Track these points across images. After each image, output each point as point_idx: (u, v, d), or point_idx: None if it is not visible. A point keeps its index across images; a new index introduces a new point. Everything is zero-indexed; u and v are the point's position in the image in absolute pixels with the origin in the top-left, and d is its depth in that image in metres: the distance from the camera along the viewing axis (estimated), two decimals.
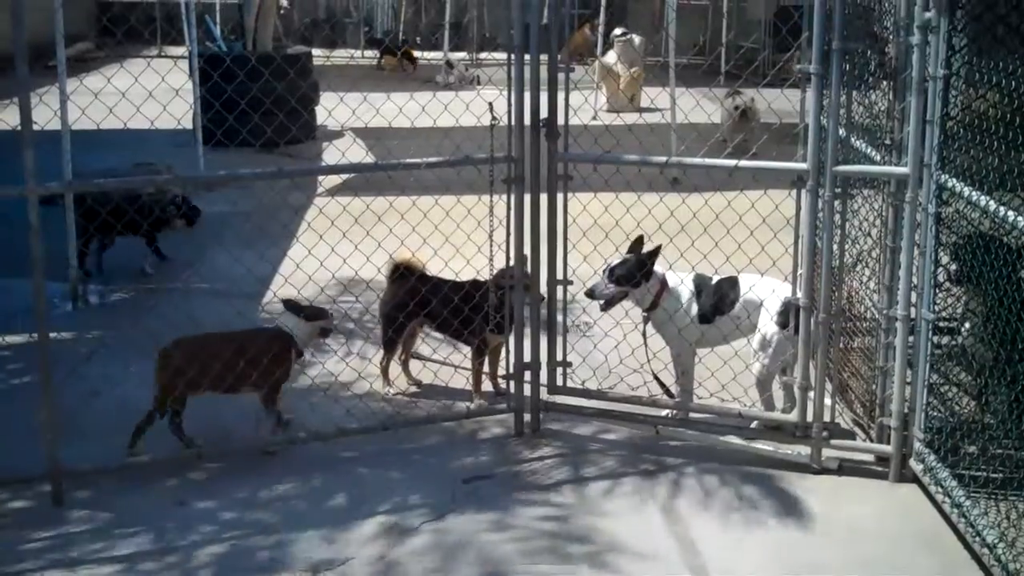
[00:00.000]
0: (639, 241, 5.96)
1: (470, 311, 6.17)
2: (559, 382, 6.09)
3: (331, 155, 13.18)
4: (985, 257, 4.82)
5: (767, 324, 5.76)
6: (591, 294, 5.95)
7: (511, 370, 5.98)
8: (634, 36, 17.98)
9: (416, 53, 23.02)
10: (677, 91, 11.80)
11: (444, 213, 6.42)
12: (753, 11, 23.35)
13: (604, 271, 5.94)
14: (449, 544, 4.88)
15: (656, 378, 5.98)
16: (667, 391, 5.99)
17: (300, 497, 5.28)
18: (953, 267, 5.11)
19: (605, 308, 6.03)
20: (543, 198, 5.84)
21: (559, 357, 6.06)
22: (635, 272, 5.86)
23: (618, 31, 18.01)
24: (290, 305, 5.93)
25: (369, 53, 23.86)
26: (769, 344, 5.76)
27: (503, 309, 6.00)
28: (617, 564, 4.75)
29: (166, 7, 23.49)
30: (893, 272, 5.37)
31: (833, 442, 5.51)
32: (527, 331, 5.95)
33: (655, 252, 5.89)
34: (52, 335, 5.25)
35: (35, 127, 4.94)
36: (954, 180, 4.91)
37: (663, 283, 5.90)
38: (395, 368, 6.57)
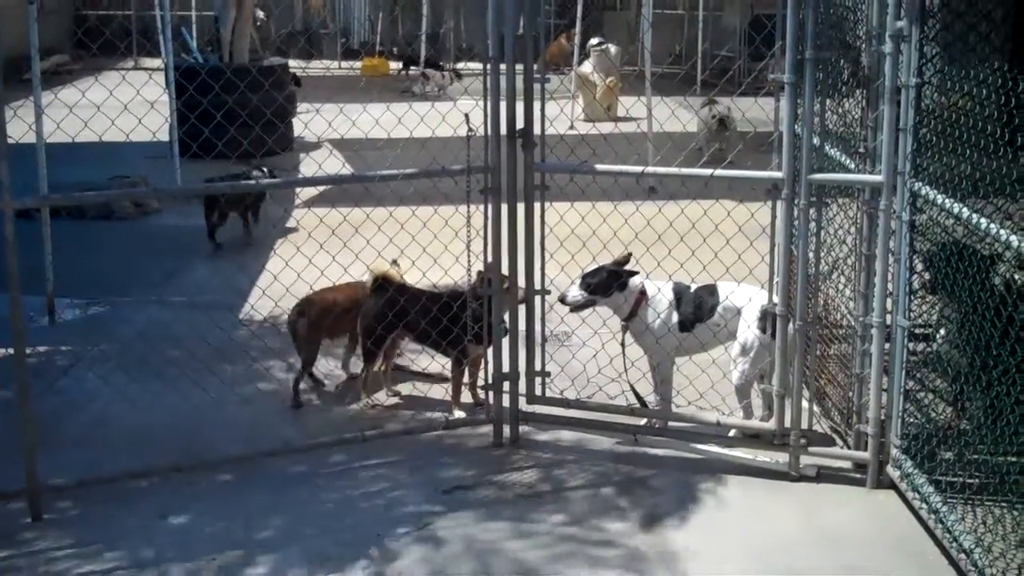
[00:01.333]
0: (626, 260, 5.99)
1: (449, 322, 6.17)
2: (538, 392, 6.10)
3: (308, 167, 13.17)
4: (959, 264, 4.86)
5: (745, 331, 5.79)
6: (563, 299, 6.00)
7: (490, 380, 5.99)
8: (610, 46, 18.03)
9: (392, 64, 23.01)
10: (653, 100, 11.84)
11: (421, 224, 6.42)
12: (728, 20, 23.46)
13: (578, 278, 5.98)
14: (429, 555, 4.88)
15: (633, 389, 5.99)
16: (642, 403, 6.00)
17: (279, 510, 5.26)
18: (927, 276, 5.14)
19: (574, 311, 6.08)
20: (520, 208, 5.85)
21: (538, 367, 6.07)
22: (608, 282, 5.88)
23: (594, 41, 18.05)
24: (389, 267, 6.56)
25: (346, 64, 23.85)
26: (748, 351, 5.78)
27: (482, 320, 6.00)
28: (597, 574, 4.76)
29: (142, 20, 23.44)
30: (868, 279, 5.40)
31: (811, 449, 5.54)
32: (505, 341, 5.95)
33: (627, 262, 5.94)
34: (29, 350, 5.23)
35: (10, 141, 4.93)
36: (927, 187, 4.95)
37: (642, 292, 5.93)
38: (374, 379, 6.56)
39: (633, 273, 5.95)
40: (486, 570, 4.78)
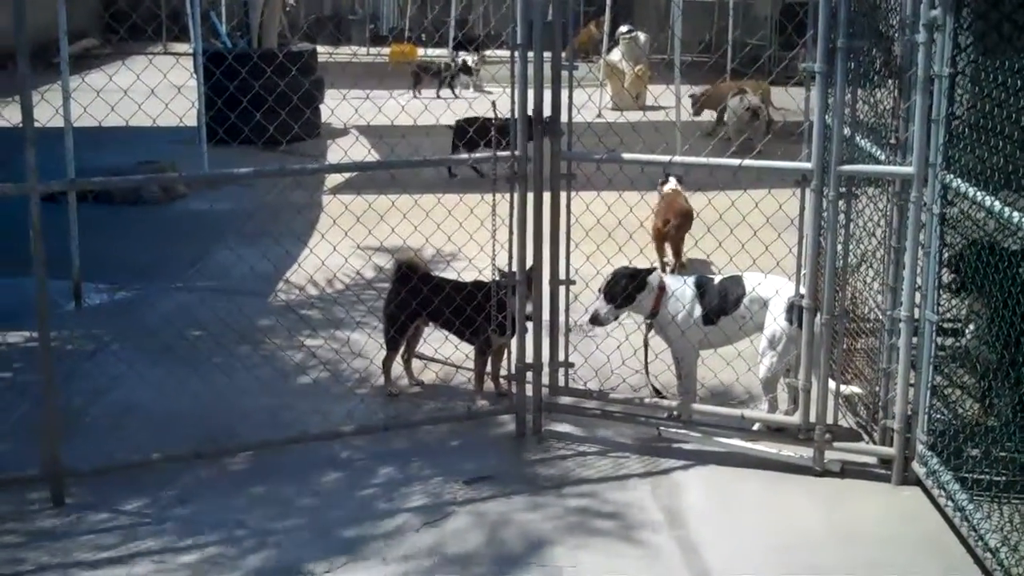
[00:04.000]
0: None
1: (473, 311, 6.14)
2: (561, 383, 6.06)
3: (335, 153, 13.17)
4: (989, 259, 4.78)
5: (773, 323, 5.73)
6: (596, 321, 5.93)
7: (513, 370, 5.96)
8: (639, 34, 17.94)
9: (420, 50, 22.92)
10: (682, 89, 11.75)
11: (447, 212, 6.39)
12: (760, 8, 23.30)
13: (600, 294, 5.90)
14: (448, 546, 4.86)
15: (653, 385, 5.95)
16: (662, 397, 5.96)
17: (301, 498, 5.26)
18: (950, 276, 5.06)
19: (602, 325, 6.01)
20: (546, 197, 5.81)
21: (561, 358, 6.02)
22: (629, 287, 5.83)
23: (623, 28, 17.96)
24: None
25: (374, 50, 23.81)
26: (775, 344, 5.72)
27: (506, 310, 5.97)
28: (619, 567, 4.73)
29: (171, 4, 23.49)
30: (897, 273, 5.33)
31: (836, 444, 5.48)
32: (529, 331, 5.92)
33: (640, 271, 5.89)
34: (54, 334, 5.23)
35: (38, 125, 4.93)
36: (959, 180, 4.87)
37: (661, 288, 5.87)
38: (397, 368, 6.54)
39: (650, 271, 5.91)
40: (506, 559, 4.76)
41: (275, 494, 5.29)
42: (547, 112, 5.70)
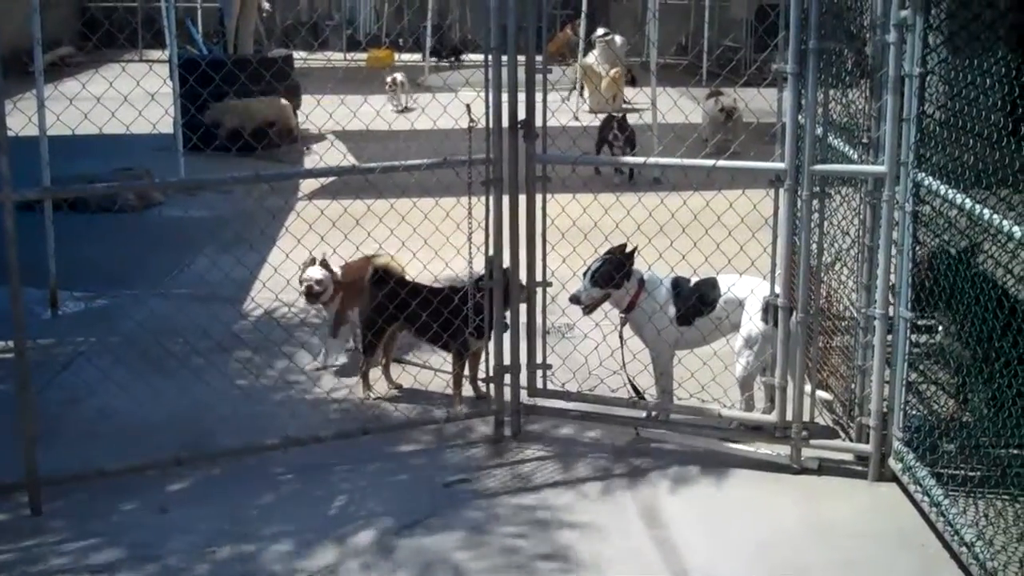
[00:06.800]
0: (622, 248, 5.94)
1: (449, 315, 6.15)
2: (539, 385, 6.07)
3: (311, 159, 13.15)
4: (961, 256, 4.82)
5: (748, 323, 5.76)
6: (576, 300, 5.92)
7: (491, 373, 5.96)
8: (616, 36, 17.98)
9: (397, 55, 22.90)
10: (657, 91, 11.79)
11: (422, 216, 6.40)
12: (735, 11, 23.39)
13: (585, 275, 5.91)
14: (427, 549, 4.86)
15: (631, 383, 5.97)
16: (640, 396, 5.98)
17: (279, 504, 5.25)
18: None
19: (587, 312, 6.01)
20: (521, 200, 5.82)
21: (539, 359, 6.04)
22: (614, 273, 5.85)
23: (600, 31, 18.00)
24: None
25: (351, 56, 23.76)
26: (751, 343, 5.75)
27: (482, 313, 5.98)
28: (598, 568, 4.74)
29: (145, 11, 23.39)
30: (871, 271, 5.38)
31: (813, 442, 5.51)
32: (506, 334, 5.93)
33: (632, 253, 5.89)
34: (31, 342, 5.21)
35: (11, 133, 4.91)
36: (931, 178, 4.91)
37: (640, 282, 5.90)
38: (375, 372, 6.54)
39: (631, 256, 5.92)
40: (485, 563, 4.76)
41: (254, 500, 5.28)
42: (522, 115, 5.72)
